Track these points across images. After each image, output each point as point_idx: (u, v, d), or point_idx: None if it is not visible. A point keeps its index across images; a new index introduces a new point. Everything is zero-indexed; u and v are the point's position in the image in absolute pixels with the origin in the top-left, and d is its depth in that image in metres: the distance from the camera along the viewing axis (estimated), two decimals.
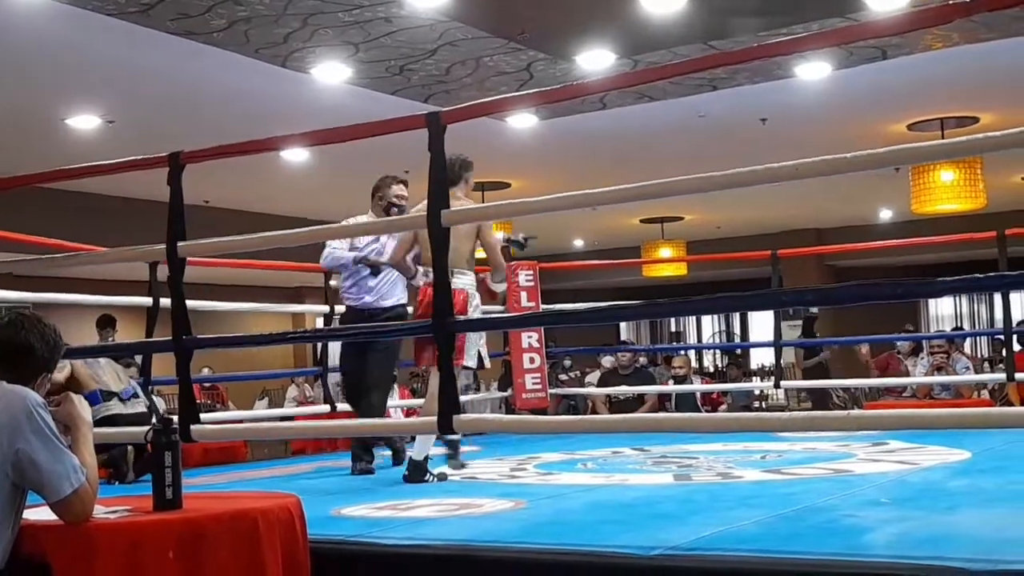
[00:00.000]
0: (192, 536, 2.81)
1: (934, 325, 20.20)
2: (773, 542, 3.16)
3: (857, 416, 3.51)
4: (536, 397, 8.52)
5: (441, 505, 4.21)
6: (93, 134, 9.59)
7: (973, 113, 10.18)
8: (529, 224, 13.52)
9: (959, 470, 4.96)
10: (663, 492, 4.59)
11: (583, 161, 11.33)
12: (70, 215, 11.11)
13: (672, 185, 3.68)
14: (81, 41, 7.34)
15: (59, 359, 3.02)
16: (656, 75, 5.12)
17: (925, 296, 15.95)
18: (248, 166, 10.27)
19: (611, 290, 19.95)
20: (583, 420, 4.87)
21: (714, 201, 13.94)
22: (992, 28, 7.49)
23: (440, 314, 3.68)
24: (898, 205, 14.53)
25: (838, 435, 6.45)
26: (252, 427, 7.46)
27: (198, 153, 4.32)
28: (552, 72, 8.27)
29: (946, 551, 2.84)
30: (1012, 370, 7.63)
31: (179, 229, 4.21)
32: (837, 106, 9.69)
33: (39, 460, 2.70)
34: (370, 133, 4.18)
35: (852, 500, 4.03)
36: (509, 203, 4.37)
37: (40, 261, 5.45)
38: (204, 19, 6.93)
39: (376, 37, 7.45)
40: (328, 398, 7.54)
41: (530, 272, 8.52)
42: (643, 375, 10.30)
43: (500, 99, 4.42)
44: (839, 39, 5.15)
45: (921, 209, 10.62)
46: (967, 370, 10.08)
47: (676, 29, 7.42)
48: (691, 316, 22.80)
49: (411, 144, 3.85)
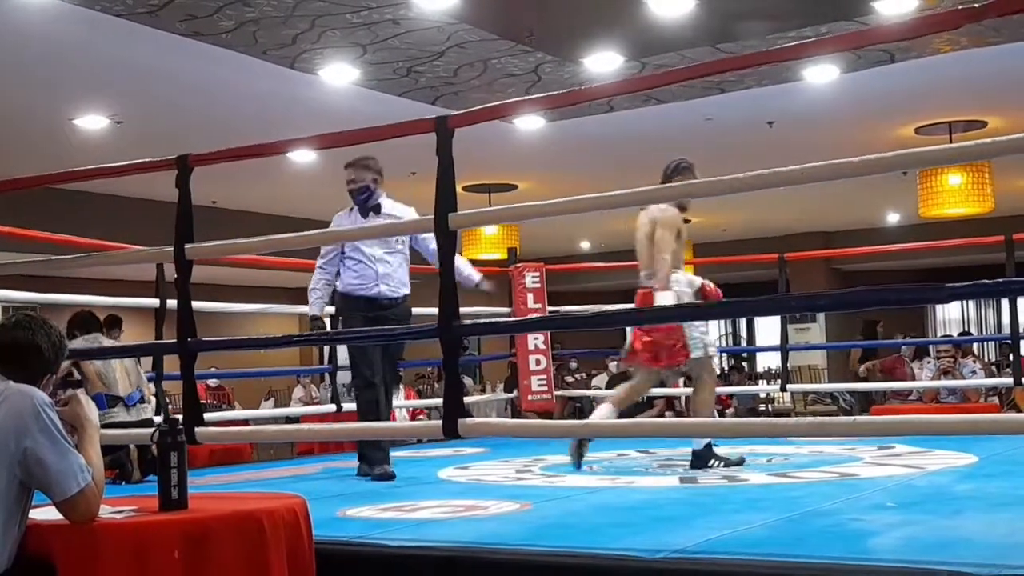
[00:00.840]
0: (197, 536, 2.82)
1: (941, 329, 20.15)
2: (779, 546, 3.16)
3: (863, 422, 3.50)
4: (542, 399, 8.51)
5: (446, 507, 4.21)
6: (101, 134, 9.61)
7: (981, 117, 10.17)
8: (536, 225, 13.54)
9: (965, 474, 4.95)
10: (669, 495, 4.59)
11: (590, 163, 11.33)
12: (77, 215, 11.13)
13: (679, 189, 3.68)
14: (89, 42, 7.35)
15: (63, 361, 3.05)
16: (664, 80, 5.13)
17: (934, 302, 15.90)
18: (255, 167, 10.27)
19: (618, 292, 19.89)
20: (589, 425, 4.86)
21: (721, 204, 13.92)
22: (1001, 32, 7.48)
23: (446, 317, 3.67)
24: (906, 209, 14.51)
25: (844, 439, 6.44)
26: (256, 430, 7.47)
27: (206, 156, 4.33)
28: (560, 74, 8.28)
29: (952, 555, 2.84)
30: (1019, 375, 7.61)
31: (187, 232, 4.21)
32: (845, 109, 9.68)
33: (46, 459, 2.71)
34: (378, 137, 4.18)
35: (858, 504, 4.02)
36: (517, 206, 4.37)
37: (48, 262, 5.47)
38: (212, 20, 6.94)
39: (384, 39, 7.45)
40: (335, 397, 7.55)
41: (536, 274, 8.52)
42: None
43: (508, 103, 4.42)
44: (848, 43, 5.15)
45: (929, 213, 10.61)
46: (974, 374, 10.06)
47: (684, 32, 7.42)
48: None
49: (418, 146, 3.85)
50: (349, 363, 5.78)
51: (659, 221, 5.34)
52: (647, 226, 5.43)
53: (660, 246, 5.31)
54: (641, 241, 5.51)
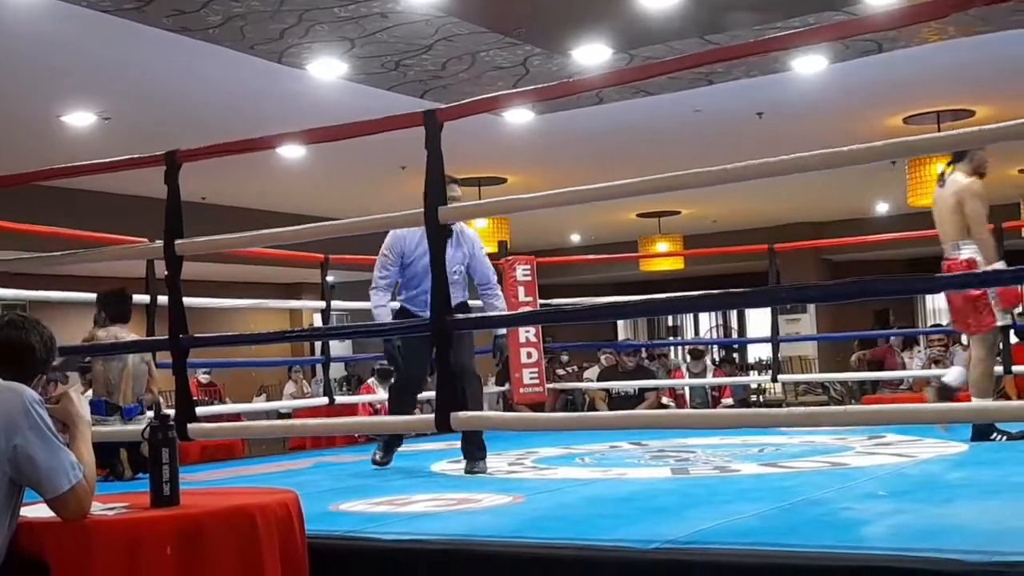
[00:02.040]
0: (190, 532, 2.81)
1: (931, 318, 20.21)
2: (771, 535, 3.17)
3: (855, 411, 3.51)
4: (534, 392, 8.52)
5: (439, 500, 4.21)
6: (89, 131, 9.58)
7: (969, 106, 10.19)
8: (526, 218, 13.54)
9: (956, 463, 4.97)
10: (661, 486, 4.59)
11: (579, 156, 11.33)
12: (66, 212, 11.09)
13: (669, 181, 3.68)
14: (77, 38, 7.33)
15: (54, 360, 3.05)
16: (653, 71, 5.12)
17: (924, 292, 15.96)
18: (245, 163, 10.26)
19: (608, 285, 19.93)
20: (581, 417, 4.87)
21: (711, 195, 13.94)
22: (988, 21, 7.49)
23: (439, 311, 3.67)
24: (895, 198, 14.55)
25: (835, 428, 6.45)
26: (247, 425, 7.45)
27: (195, 151, 4.32)
28: (548, 67, 8.27)
29: (943, 543, 2.84)
30: (1009, 363, 7.63)
31: (176, 227, 4.21)
32: (833, 100, 9.69)
33: (36, 456, 2.70)
34: (367, 131, 4.18)
35: (849, 493, 4.03)
36: (507, 199, 4.36)
37: (38, 259, 5.44)
38: (200, 15, 6.92)
39: (372, 33, 7.44)
40: (328, 390, 7.54)
41: (527, 267, 8.52)
42: (643, 372, 10.30)
43: (496, 96, 4.41)
44: (835, 33, 5.15)
45: (918, 202, 10.63)
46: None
47: (672, 23, 7.43)
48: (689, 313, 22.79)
49: (407, 140, 3.85)
50: (388, 361, 5.63)
51: (965, 193, 5.43)
52: (950, 198, 5.49)
53: (976, 219, 5.40)
54: (943, 214, 5.56)
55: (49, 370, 3.05)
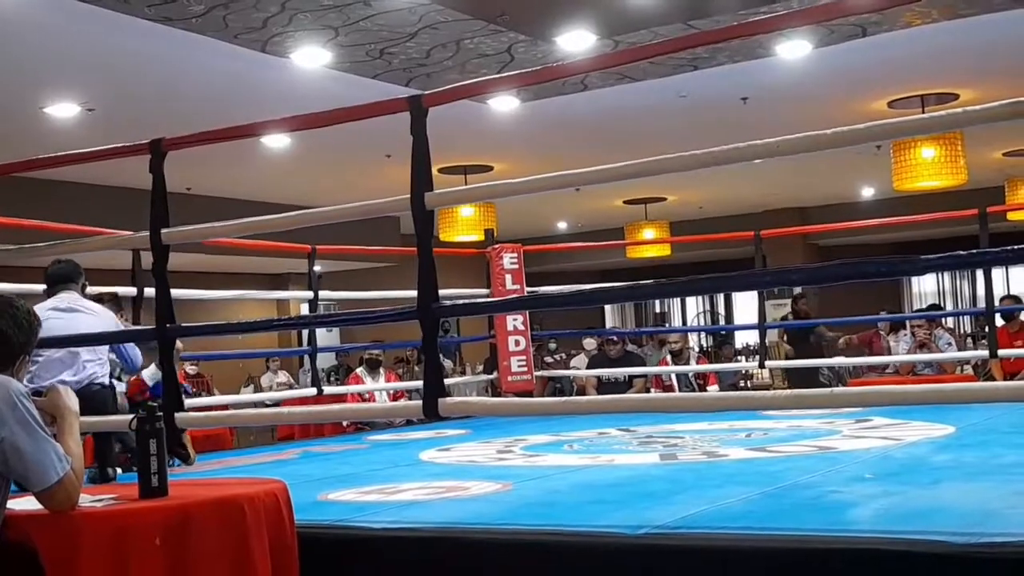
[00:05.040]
0: (178, 523, 2.81)
1: (917, 302, 20.30)
2: (759, 519, 3.18)
3: (840, 393, 3.52)
4: (522, 380, 8.52)
5: (428, 488, 4.22)
6: (72, 122, 9.53)
7: (953, 90, 10.20)
8: (513, 206, 13.54)
9: (943, 445, 5.00)
10: (649, 472, 4.61)
11: (565, 143, 11.32)
12: (50, 204, 11.03)
13: (653, 164, 3.68)
14: (59, 28, 7.28)
15: (36, 339, 2.98)
16: (637, 55, 5.10)
17: (909, 274, 16.03)
18: (229, 153, 10.23)
19: (596, 272, 19.95)
20: (569, 402, 4.87)
21: (697, 181, 13.95)
22: (971, 4, 7.50)
23: (425, 298, 3.67)
24: (880, 183, 14.59)
25: (822, 412, 6.48)
26: (236, 414, 7.44)
27: (180, 140, 4.31)
28: (533, 54, 8.25)
29: (930, 525, 2.86)
30: (995, 346, 7.68)
31: (162, 216, 4.20)
32: (818, 85, 9.69)
33: (23, 449, 2.69)
34: (352, 117, 4.16)
35: (837, 476, 4.05)
36: (493, 184, 4.36)
37: (21, 250, 5.41)
38: (182, 5, 6.88)
39: (355, 21, 7.41)
40: (315, 380, 7.53)
41: (514, 255, 8.52)
42: (632, 359, 10.31)
43: (482, 81, 4.41)
44: (819, 16, 5.13)
45: (903, 186, 10.66)
46: (950, 346, 10.13)
47: (656, 9, 7.41)
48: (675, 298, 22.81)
49: (392, 128, 3.84)
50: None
51: None
52: None
53: None
54: None
55: (31, 350, 2.97)
